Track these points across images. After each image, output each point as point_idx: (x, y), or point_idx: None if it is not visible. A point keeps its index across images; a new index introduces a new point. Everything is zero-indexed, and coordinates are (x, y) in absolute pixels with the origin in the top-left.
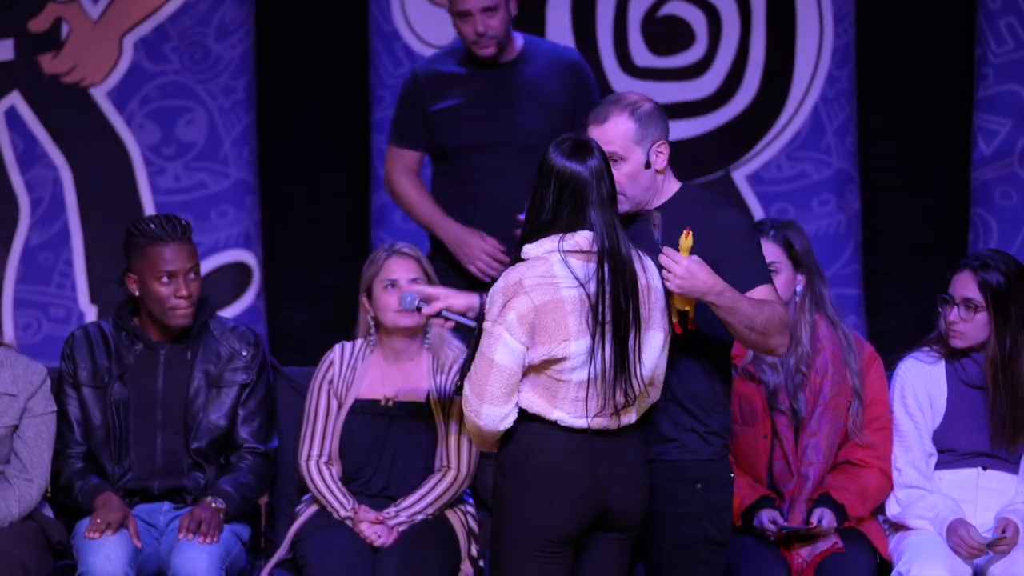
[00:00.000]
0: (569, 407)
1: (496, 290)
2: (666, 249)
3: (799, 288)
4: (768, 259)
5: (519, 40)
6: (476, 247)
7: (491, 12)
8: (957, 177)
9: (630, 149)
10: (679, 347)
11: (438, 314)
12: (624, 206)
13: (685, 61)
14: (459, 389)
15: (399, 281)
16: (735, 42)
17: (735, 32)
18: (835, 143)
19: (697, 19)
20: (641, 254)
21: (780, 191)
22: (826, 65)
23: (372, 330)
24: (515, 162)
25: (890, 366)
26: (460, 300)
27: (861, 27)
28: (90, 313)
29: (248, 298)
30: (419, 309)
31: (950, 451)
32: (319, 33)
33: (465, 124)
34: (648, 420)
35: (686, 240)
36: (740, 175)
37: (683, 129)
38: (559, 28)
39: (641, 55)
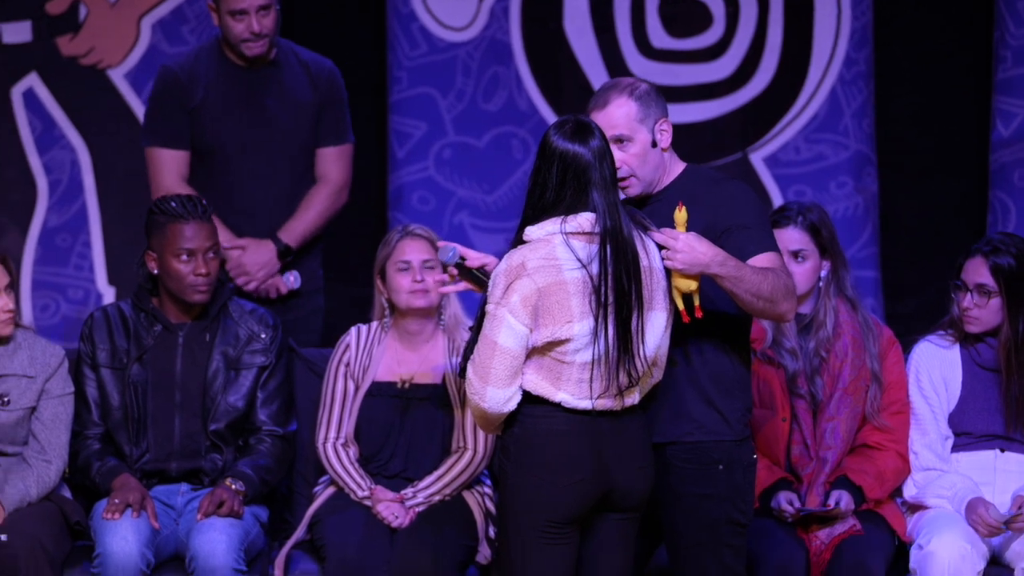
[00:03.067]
0: (573, 389)
1: (499, 272)
2: (663, 229)
3: (824, 274)
4: (795, 247)
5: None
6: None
7: (265, 11)
8: (976, 160)
9: (635, 129)
10: (697, 328)
11: (479, 269)
12: (636, 188)
13: (703, 43)
14: (463, 371)
15: (412, 263)
16: (753, 24)
17: (753, 14)
18: (853, 125)
19: (715, 1)
20: (643, 235)
21: (798, 173)
22: (844, 47)
23: (387, 312)
24: (270, 163)
25: (907, 348)
26: (495, 265)
27: (879, 9)
28: (108, 294)
29: None
30: (462, 261)
31: (966, 434)
32: (336, 14)
33: (222, 123)
34: (651, 401)
35: (680, 213)
36: (757, 157)
37: (700, 111)
38: (577, 10)
39: (659, 37)
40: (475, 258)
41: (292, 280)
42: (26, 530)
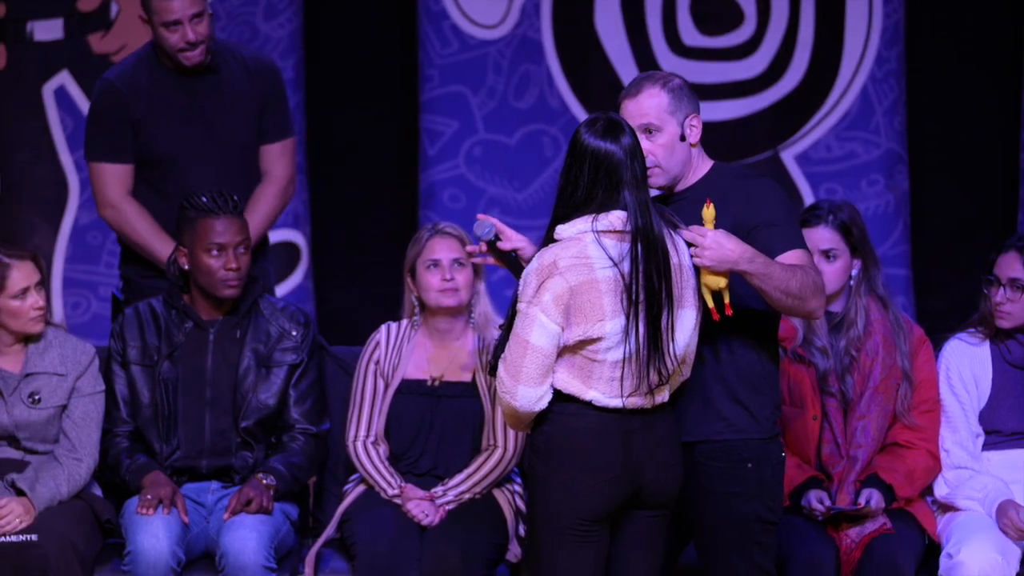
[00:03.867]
0: (604, 387)
1: (530, 271)
2: (691, 226)
3: (855, 273)
4: (826, 246)
5: None
6: None
7: (199, 18)
8: (1007, 157)
9: (665, 120)
10: (726, 326)
11: (508, 253)
12: (660, 179)
13: (734, 41)
14: (493, 369)
15: (442, 261)
16: (784, 22)
17: (784, 12)
18: (884, 123)
19: None
20: (673, 233)
21: (829, 171)
22: (875, 45)
23: (416, 310)
24: (216, 168)
25: (939, 346)
26: (529, 251)
27: (910, 6)
28: None
29: (296, 278)
30: (496, 240)
31: (996, 432)
32: (367, 13)
33: (166, 131)
34: (679, 399)
35: (708, 211)
36: (789, 155)
37: (732, 109)
38: (608, 8)
39: (690, 35)
40: (509, 241)
41: None
42: (56, 530)
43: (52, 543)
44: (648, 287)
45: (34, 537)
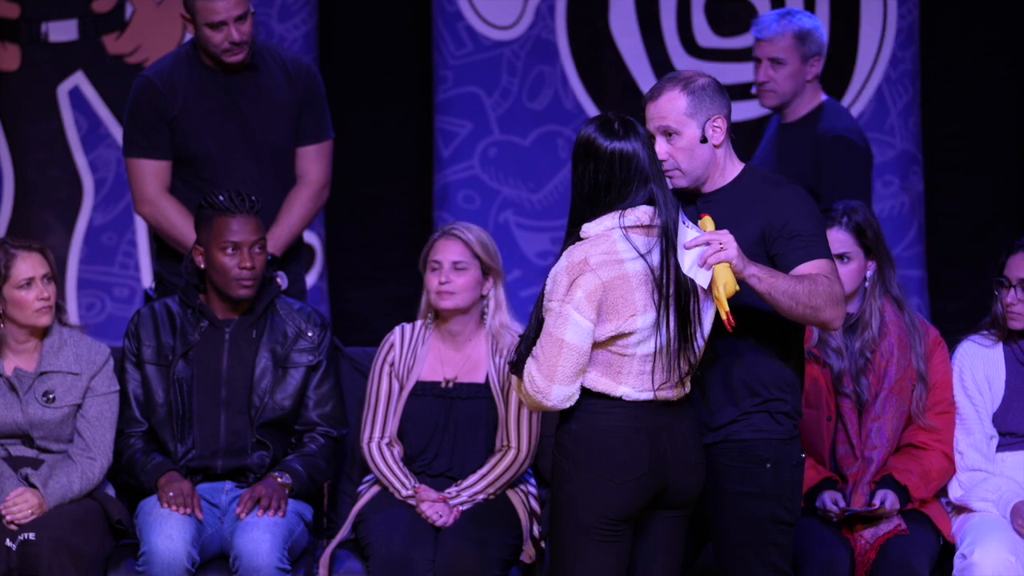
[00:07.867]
0: (634, 381)
1: (560, 270)
2: (702, 233)
3: (869, 274)
4: (840, 249)
5: None
6: None
7: (243, 19)
8: (1022, 158)
9: (683, 123)
10: (751, 328)
11: None
12: (682, 181)
13: (749, 42)
14: (515, 368)
15: (442, 263)
16: None
17: None
18: (899, 124)
19: (761, 0)
20: (691, 224)
21: None
22: (890, 46)
23: (430, 311)
24: (253, 167)
25: (954, 348)
26: None
27: (925, 8)
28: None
29: (311, 278)
30: None
31: (1010, 434)
32: (382, 14)
33: (203, 130)
34: (691, 397)
35: (707, 220)
36: None
37: (746, 110)
38: (623, 9)
39: (704, 36)
40: None
41: (279, 282)
42: (55, 531)
43: (48, 544)
44: (678, 278)
45: (31, 536)
